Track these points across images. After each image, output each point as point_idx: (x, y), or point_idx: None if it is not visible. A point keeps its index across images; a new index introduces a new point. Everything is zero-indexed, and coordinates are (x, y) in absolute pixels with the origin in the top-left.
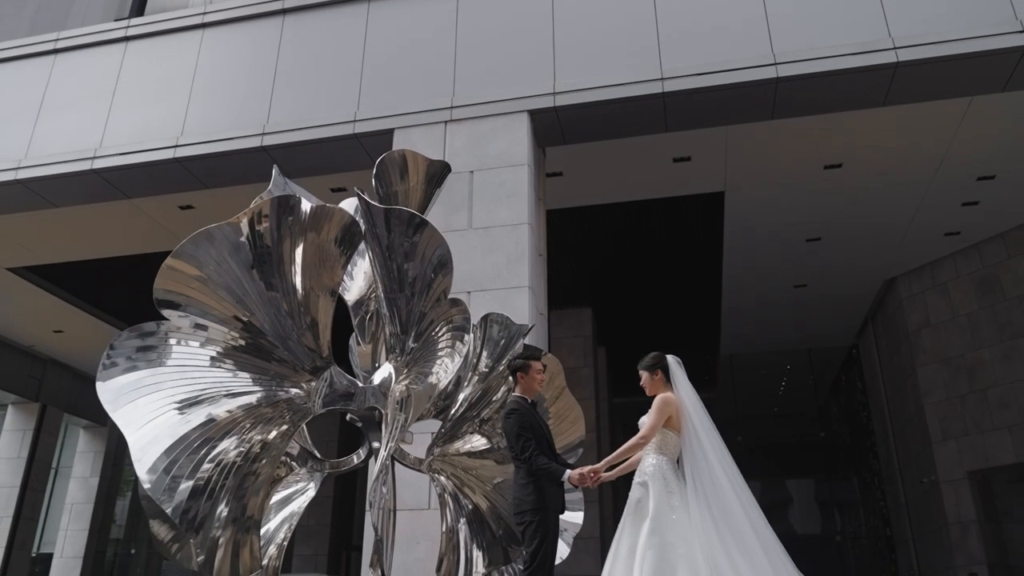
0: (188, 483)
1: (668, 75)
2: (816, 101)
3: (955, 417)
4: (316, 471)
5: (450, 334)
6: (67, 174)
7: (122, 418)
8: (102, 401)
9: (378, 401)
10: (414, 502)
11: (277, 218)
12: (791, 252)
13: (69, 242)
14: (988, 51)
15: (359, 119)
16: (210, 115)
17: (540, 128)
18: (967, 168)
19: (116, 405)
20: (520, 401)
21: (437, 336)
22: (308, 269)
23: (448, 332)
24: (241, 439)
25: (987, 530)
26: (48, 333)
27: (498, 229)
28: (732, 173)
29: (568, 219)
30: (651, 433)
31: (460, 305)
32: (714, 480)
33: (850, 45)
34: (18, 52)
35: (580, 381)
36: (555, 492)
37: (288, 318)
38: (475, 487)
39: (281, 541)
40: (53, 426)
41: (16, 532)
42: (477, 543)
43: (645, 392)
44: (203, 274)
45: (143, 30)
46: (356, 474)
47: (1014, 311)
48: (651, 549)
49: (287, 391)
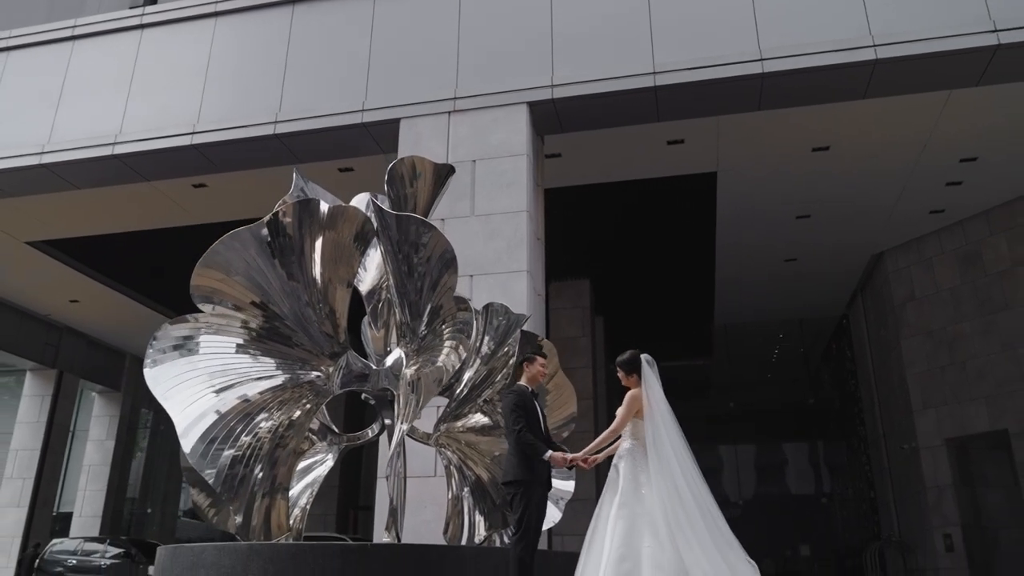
0: (227, 456)
1: (660, 69)
2: (800, 94)
3: (935, 387)
4: (334, 444)
5: (455, 329)
6: (89, 159)
7: (169, 402)
8: (151, 388)
9: (390, 382)
10: (421, 470)
11: (298, 219)
12: (782, 228)
13: (85, 218)
14: (962, 49)
15: (367, 108)
16: (224, 103)
17: (539, 118)
18: (950, 150)
19: (163, 392)
20: (522, 387)
21: (443, 329)
22: (326, 263)
23: (453, 328)
24: (271, 417)
25: (962, 494)
26: (64, 303)
27: (499, 216)
28: (724, 155)
29: (567, 196)
30: (620, 426)
31: (465, 303)
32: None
33: (832, 42)
34: (36, 39)
35: (578, 350)
36: (541, 467)
37: (309, 308)
38: (477, 460)
39: (304, 505)
40: (70, 391)
41: (38, 492)
42: (479, 509)
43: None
44: (233, 272)
45: (158, 18)
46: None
47: (994, 287)
48: (621, 519)
49: (309, 374)
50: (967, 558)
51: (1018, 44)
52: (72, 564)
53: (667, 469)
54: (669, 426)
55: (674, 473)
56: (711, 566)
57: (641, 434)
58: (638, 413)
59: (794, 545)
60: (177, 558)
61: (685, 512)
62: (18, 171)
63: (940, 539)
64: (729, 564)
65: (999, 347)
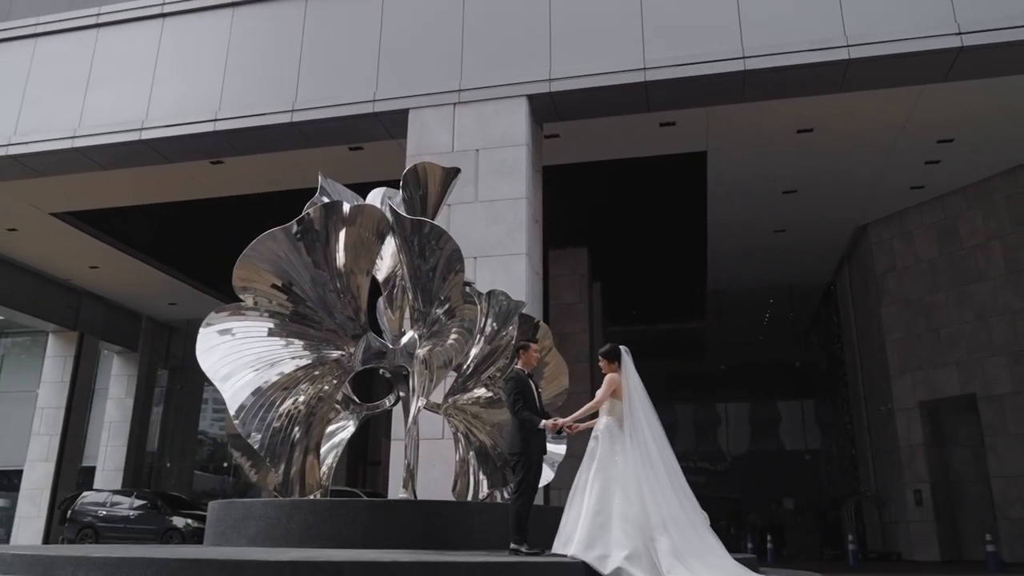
0: (269, 425)
1: (650, 65)
2: (780, 88)
3: (912, 353)
4: (355, 412)
5: (461, 318)
6: (118, 143)
7: (220, 382)
8: (204, 369)
9: (405, 360)
10: (430, 433)
11: (324, 218)
12: (770, 202)
13: (107, 191)
14: (929, 50)
15: (378, 99)
16: (244, 91)
17: (537, 108)
18: (927, 132)
19: (213, 372)
20: (520, 372)
21: (450, 319)
22: (349, 255)
23: (459, 318)
24: (304, 391)
25: (932, 453)
26: (85, 268)
27: (500, 202)
28: (713, 136)
29: (565, 172)
30: (598, 402)
31: (471, 296)
32: (643, 434)
33: (809, 42)
34: (63, 26)
35: (576, 316)
36: (538, 439)
37: (333, 295)
38: (480, 428)
39: (331, 463)
40: (90, 352)
41: (64, 448)
42: (483, 471)
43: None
44: (268, 265)
45: (178, 7)
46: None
47: (969, 259)
48: (598, 482)
49: (334, 353)
50: (934, 511)
51: (981, 46)
52: (102, 515)
53: (640, 438)
54: (644, 403)
55: (647, 440)
56: (668, 510)
57: (618, 412)
58: (616, 394)
59: (780, 499)
60: (230, 511)
61: (654, 472)
62: (51, 154)
63: (911, 494)
64: (684, 508)
65: (971, 316)
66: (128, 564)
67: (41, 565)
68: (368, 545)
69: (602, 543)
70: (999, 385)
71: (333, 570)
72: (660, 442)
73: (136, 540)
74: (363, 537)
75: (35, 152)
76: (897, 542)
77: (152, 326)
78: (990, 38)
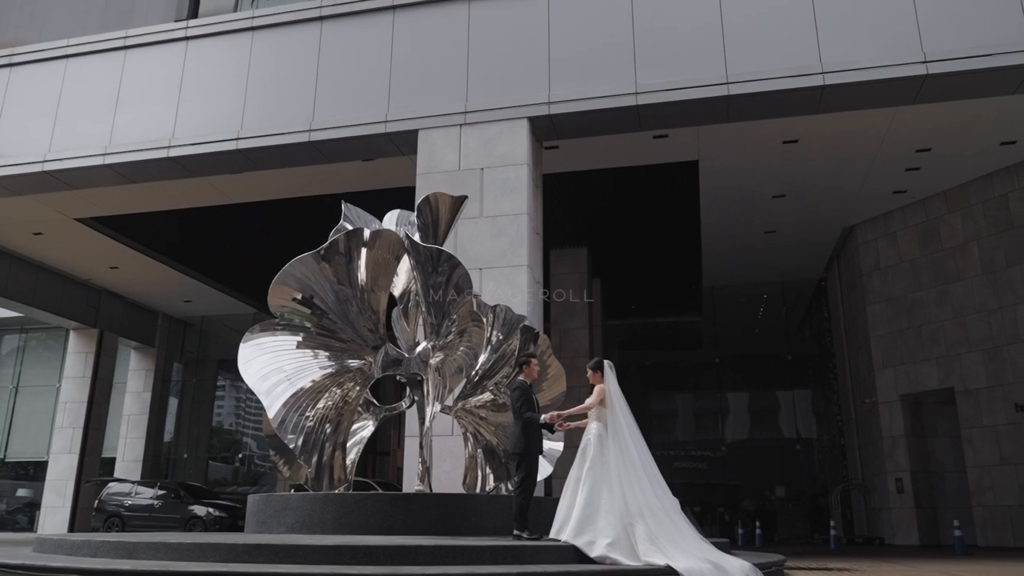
0: (302, 426)
1: (641, 90)
2: (761, 110)
3: (894, 349)
4: (375, 413)
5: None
6: (147, 160)
7: (260, 391)
8: (245, 379)
9: (419, 368)
10: (441, 431)
11: (347, 243)
12: (760, 205)
13: (130, 199)
14: (897, 77)
15: (390, 120)
16: (264, 111)
17: (538, 128)
18: (906, 143)
19: (254, 382)
20: (523, 383)
21: (459, 333)
22: (369, 275)
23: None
24: (331, 396)
25: (913, 443)
26: (105, 269)
27: (503, 218)
28: (704, 147)
29: (565, 178)
30: (588, 406)
31: (480, 323)
32: (623, 434)
33: (787, 69)
34: (92, 47)
35: (576, 312)
36: (536, 441)
37: (356, 311)
38: (487, 428)
39: (353, 458)
40: (110, 348)
41: (87, 440)
42: (489, 466)
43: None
44: (297, 286)
45: (201, 31)
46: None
47: (948, 260)
48: (588, 480)
49: (357, 362)
50: (914, 498)
51: (944, 73)
52: (128, 504)
53: (621, 438)
54: (623, 408)
55: (626, 439)
56: (644, 499)
57: (604, 417)
58: (603, 403)
59: (773, 486)
60: (269, 503)
61: (632, 466)
62: (84, 170)
63: (893, 482)
64: (658, 497)
65: (950, 314)
66: (200, 548)
67: (125, 550)
68: (391, 532)
69: (590, 531)
70: (975, 380)
71: (370, 552)
72: (637, 440)
73: (160, 528)
74: (387, 525)
75: (69, 168)
76: (881, 527)
77: (168, 322)
78: (953, 66)
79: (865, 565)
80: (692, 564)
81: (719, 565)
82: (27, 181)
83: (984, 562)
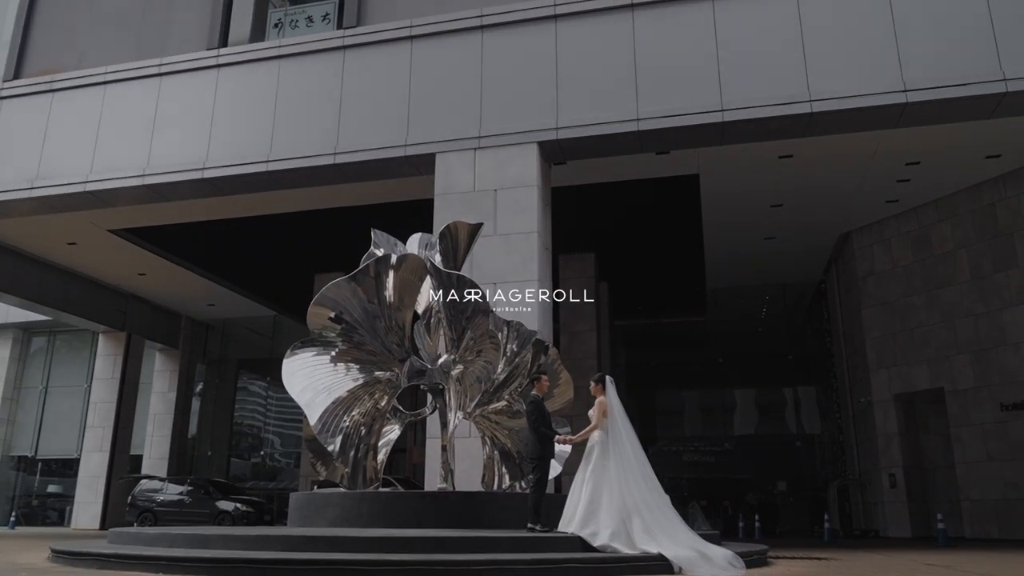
0: (340, 431)
1: (643, 116)
2: (753, 134)
3: (888, 350)
4: (401, 419)
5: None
6: (183, 181)
7: (302, 401)
8: (289, 391)
9: (441, 378)
10: (460, 433)
11: (377, 268)
12: (758, 214)
13: (162, 212)
14: (879, 105)
15: (408, 144)
16: (292, 136)
17: (547, 151)
18: (895, 157)
19: (297, 393)
20: (536, 396)
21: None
22: (396, 294)
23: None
24: (364, 404)
25: (906, 441)
26: (133, 275)
27: (515, 236)
28: (703, 162)
29: (573, 190)
30: (595, 426)
31: (496, 339)
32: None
33: (777, 97)
34: (129, 74)
35: (584, 315)
36: (550, 448)
37: (384, 327)
38: (502, 433)
39: (382, 458)
40: (137, 351)
41: (116, 438)
42: (505, 467)
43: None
44: (332, 306)
45: (231, 59)
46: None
47: (939, 266)
48: (592, 480)
49: (385, 374)
50: (907, 493)
51: (923, 101)
52: (159, 500)
53: (620, 443)
54: (622, 416)
55: (624, 443)
56: (640, 496)
57: (605, 426)
58: (604, 414)
59: (776, 480)
60: (311, 501)
61: (629, 467)
62: (124, 190)
63: (887, 478)
64: (652, 494)
65: (940, 318)
66: (263, 540)
67: (199, 541)
68: (421, 525)
69: (593, 524)
70: (963, 380)
71: (408, 543)
72: (634, 444)
73: (190, 523)
74: (417, 519)
75: (109, 188)
76: (876, 521)
77: (191, 325)
78: (931, 95)
79: (845, 555)
80: (680, 552)
81: (704, 553)
82: (70, 200)
83: (958, 552)
